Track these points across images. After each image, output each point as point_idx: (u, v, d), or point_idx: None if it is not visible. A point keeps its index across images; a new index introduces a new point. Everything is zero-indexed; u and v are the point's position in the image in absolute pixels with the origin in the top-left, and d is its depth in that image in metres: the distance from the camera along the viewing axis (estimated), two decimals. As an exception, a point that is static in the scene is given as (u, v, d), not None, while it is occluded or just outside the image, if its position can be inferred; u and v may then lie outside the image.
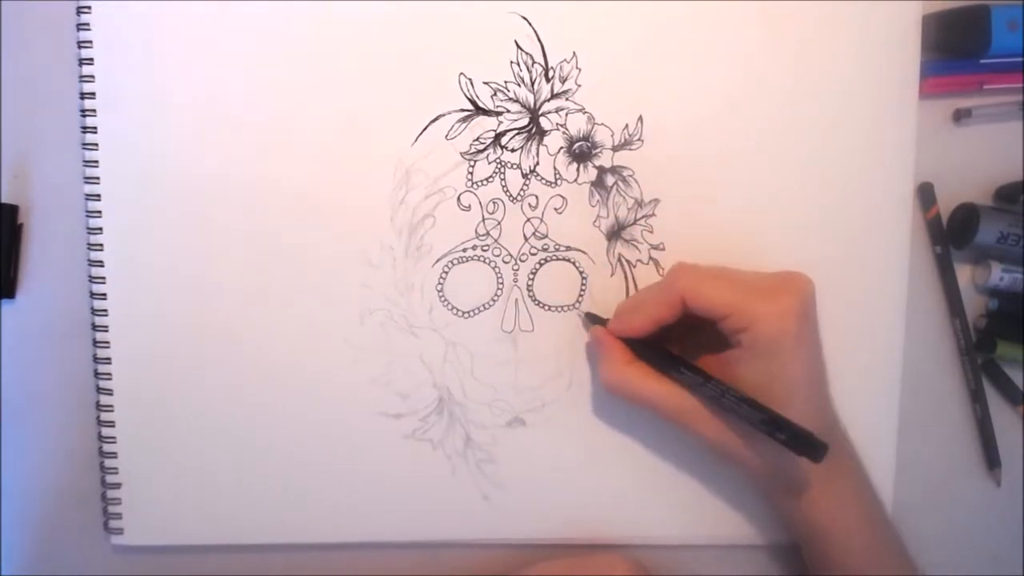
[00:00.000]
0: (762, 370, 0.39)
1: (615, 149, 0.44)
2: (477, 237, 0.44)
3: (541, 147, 0.44)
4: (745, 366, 0.39)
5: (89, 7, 0.43)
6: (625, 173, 0.44)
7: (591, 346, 0.44)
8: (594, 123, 0.44)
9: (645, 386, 0.40)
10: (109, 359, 0.44)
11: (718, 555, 0.47)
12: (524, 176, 0.44)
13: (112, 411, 0.44)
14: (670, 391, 0.40)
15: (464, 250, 0.44)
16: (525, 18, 0.43)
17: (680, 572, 0.47)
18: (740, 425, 0.39)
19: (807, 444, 0.36)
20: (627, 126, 0.44)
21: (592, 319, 0.44)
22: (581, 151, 0.44)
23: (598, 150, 0.44)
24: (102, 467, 0.45)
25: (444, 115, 0.43)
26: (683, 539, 0.47)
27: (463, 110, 0.43)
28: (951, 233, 0.47)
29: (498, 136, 0.44)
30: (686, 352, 0.42)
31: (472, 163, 0.44)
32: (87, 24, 0.43)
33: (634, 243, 0.45)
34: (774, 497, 0.43)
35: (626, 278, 0.45)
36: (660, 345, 0.42)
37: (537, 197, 0.44)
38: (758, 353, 0.38)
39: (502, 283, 0.45)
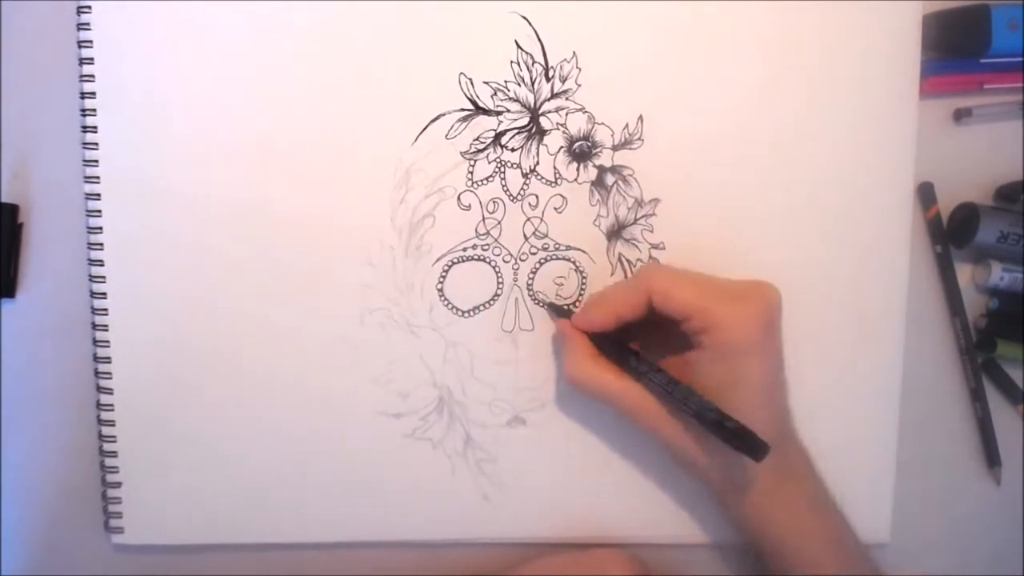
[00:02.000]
0: (721, 373, 0.39)
1: (615, 148, 0.44)
2: (477, 236, 0.44)
3: (541, 146, 0.44)
4: (705, 368, 0.39)
5: (89, 7, 0.43)
6: (625, 172, 0.44)
7: (556, 338, 0.44)
8: (594, 122, 0.44)
9: (605, 381, 0.41)
10: (109, 359, 0.44)
11: (718, 555, 0.47)
12: (524, 175, 0.44)
13: (112, 410, 0.44)
14: (629, 388, 0.40)
15: (464, 249, 0.44)
16: (525, 17, 0.43)
17: (679, 572, 0.47)
18: (695, 428, 0.39)
19: (749, 443, 0.37)
20: (627, 125, 0.44)
21: (556, 311, 0.44)
22: (581, 150, 0.44)
23: (598, 149, 0.44)
24: (102, 466, 0.45)
25: (444, 115, 0.43)
26: (683, 538, 0.47)
27: (463, 109, 0.43)
28: (951, 233, 0.47)
29: (498, 136, 0.44)
30: (650, 351, 0.42)
31: (472, 162, 0.44)
32: (87, 24, 0.43)
33: (634, 242, 0.45)
34: (727, 502, 0.42)
35: (626, 278, 0.45)
36: (623, 341, 0.42)
37: (537, 196, 0.44)
38: (718, 356, 0.39)
39: (502, 282, 0.45)
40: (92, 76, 0.43)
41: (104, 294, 0.44)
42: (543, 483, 0.46)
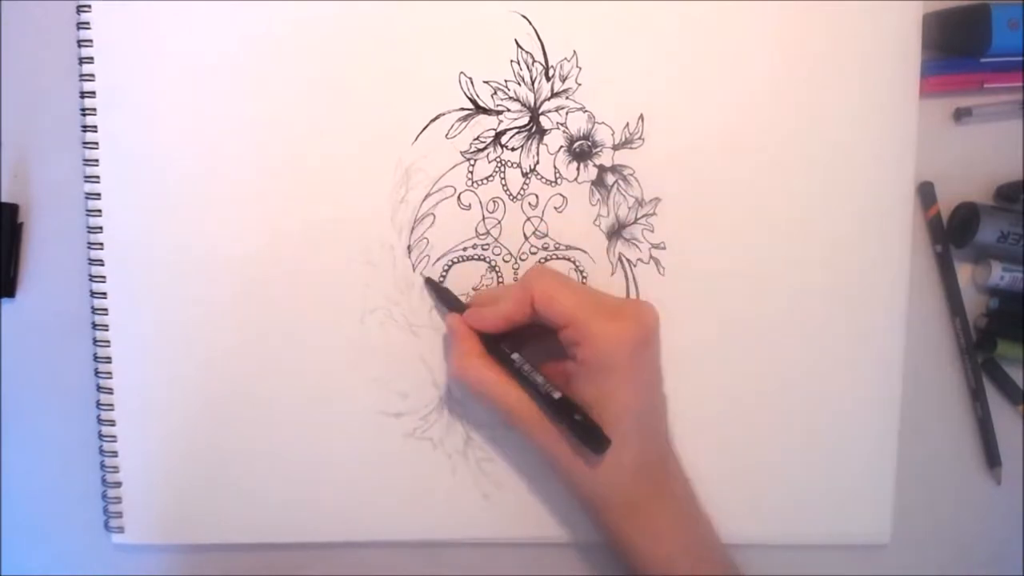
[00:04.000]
0: (593, 389, 0.39)
1: (615, 148, 0.44)
2: (477, 236, 0.44)
3: (541, 146, 0.44)
4: (579, 381, 0.39)
5: (89, 7, 0.43)
6: (626, 172, 0.44)
7: (446, 336, 0.44)
8: (594, 122, 0.44)
9: (490, 381, 0.40)
10: (109, 359, 0.44)
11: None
12: (524, 175, 0.44)
13: (112, 410, 0.44)
14: (511, 390, 0.40)
15: (464, 249, 0.44)
16: (525, 17, 0.43)
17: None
18: (571, 440, 0.39)
19: (592, 435, 0.38)
20: (627, 125, 0.44)
21: (446, 302, 0.44)
22: (581, 150, 0.44)
23: (598, 149, 0.44)
24: (102, 466, 0.45)
25: (444, 114, 0.43)
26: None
27: (463, 109, 0.43)
28: (951, 232, 0.47)
29: (498, 135, 0.44)
30: (538, 356, 0.41)
31: (472, 162, 0.44)
32: (87, 24, 0.43)
33: (634, 242, 0.45)
34: (597, 514, 0.42)
35: (626, 277, 0.45)
36: (508, 343, 0.42)
37: (537, 196, 0.44)
38: (590, 371, 0.39)
39: (502, 282, 0.45)
40: (92, 76, 0.43)
41: (104, 294, 0.44)
42: (543, 483, 0.46)
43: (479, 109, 0.44)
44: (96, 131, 0.43)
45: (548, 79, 0.44)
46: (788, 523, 0.46)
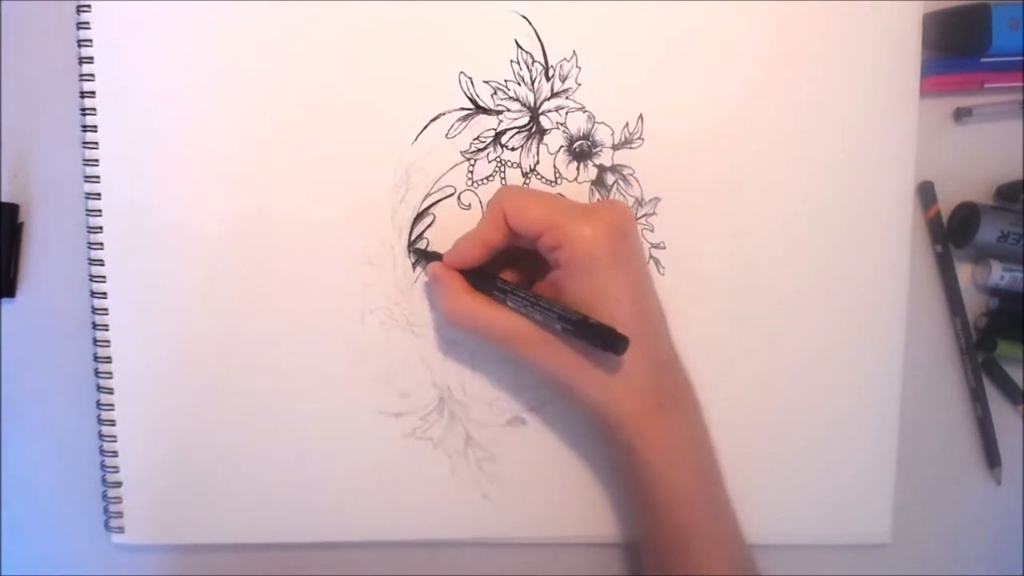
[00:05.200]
0: (583, 288, 0.39)
1: (615, 148, 0.44)
2: (477, 236, 0.44)
3: (541, 146, 0.44)
4: (567, 285, 0.39)
5: (89, 6, 0.43)
6: (625, 172, 0.44)
7: (428, 284, 0.44)
8: (594, 122, 0.44)
9: (479, 314, 0.40)
10: (109, 359, 0.44)
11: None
12: (524, 175, 0.44)
13: (112, 410, 0.44)
14: (502, 318, 0.40)
15: (464, 249, 0.44)
16: (525, 17, 0.43)
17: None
18: (568, 351, 0.39)
19: (609, 337, 0.36)
20: (627, 125, 0.44)
21: (424, 255, 0.44)
22: (581, 150, 0.44)
23: (598, 149, 0.44)
24: (103, 466, 0.45)
25: (444, 114, 0.43)
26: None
27: (463, 109, 0.43)
28: (951, 232, 0.47)
29: (498, 135, 0.44)
30: (521, 281, 0.42)
31: (472, 162, 0.44)
32: (87, 24, 0.43)
33: (634, 242, 0.45)
34: (609, 429, 0.41)
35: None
36: (492, 274, 0.42)
37: (537, 196, 0.44)
38: (575, 272, 0.38)
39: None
40: (92, 76, 0.43)
41: (104, 294, 0.44)
42: (543, 483, 0.46)
43: (479, 109, 0.44)
44: (96, 131, 0.43)
45: (548, 79, 0.44)
46: (788, 523, 0.46)
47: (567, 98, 0.44)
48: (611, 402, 0.39)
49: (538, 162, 0.44)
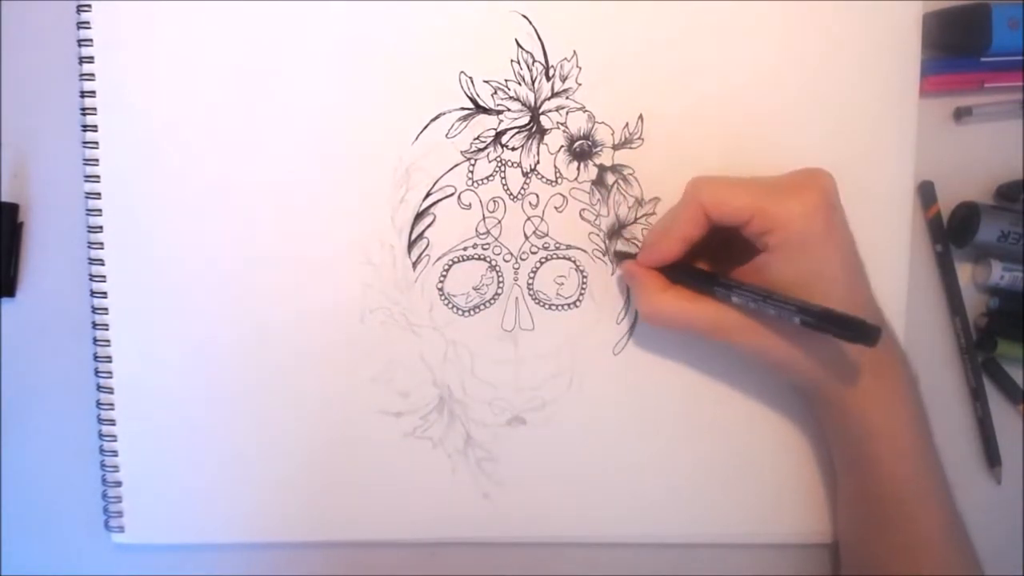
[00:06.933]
0: (797, 270, 0.38)
1: (616, 148, 0.44)
2: (477, 236, 0.44)
3: (541, 146, 0.44)
4: (778, 268, 0.38)
5: (89, 7, 0.43)
6: (626, 172, 0.44)
7: (623, 282, 0.44)
8: (594, 121, 0.44)
9: (683, 308, 0.40)
10: (109, 358, 0.44)
11: (718, 554, 0.47)
12: (525, 175, 0.44)
13: (112, 410, 0.44)
14: (708, 308, 0.39)
15: (464, 249, 0.44)
16: (525, 16, 0.43)
17: (679, 572, 0.47)
18: (782, 329, 0.38)
19: (860, 329, 0.35)
20: (627, 124, 0.44)
21: (622, 256, 0.44)
22: (581, 150, 0.44)
23: (599, 148, 0.44)
24: (103, 465, 0.45)
25: (444, 114, 0.43)
26: (683, 538, 0.47)
27: (463, 108, 0.43)
28: (951, 232, 0.47)
29: (498, 135, 0.44)
30: (719, 269, 0.41)
31: (472, 162, 0.44)
32: (87, 24, 0.43)
33: (635, 242, 0.45)
34: (824, 398, 0.41)
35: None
36: (692, 266, 0.41)
37: (537, 196, 0.44)
38: (788, 253, 0.38)
39: (503, 282, 0.45)
40: (92, 76, 0.43)
41: (104, 294, 0.44)
42: (543, 482, 0.46)
43: (479, 109, 0.44)
44: (96, 131, 0.43)
45: (548, 79, 0.44)
46: (788, 522, 0.46)
47: (567, 98, 0.44)
48: (830, 377, 0.40)
49: (538, 162, 0.44)
